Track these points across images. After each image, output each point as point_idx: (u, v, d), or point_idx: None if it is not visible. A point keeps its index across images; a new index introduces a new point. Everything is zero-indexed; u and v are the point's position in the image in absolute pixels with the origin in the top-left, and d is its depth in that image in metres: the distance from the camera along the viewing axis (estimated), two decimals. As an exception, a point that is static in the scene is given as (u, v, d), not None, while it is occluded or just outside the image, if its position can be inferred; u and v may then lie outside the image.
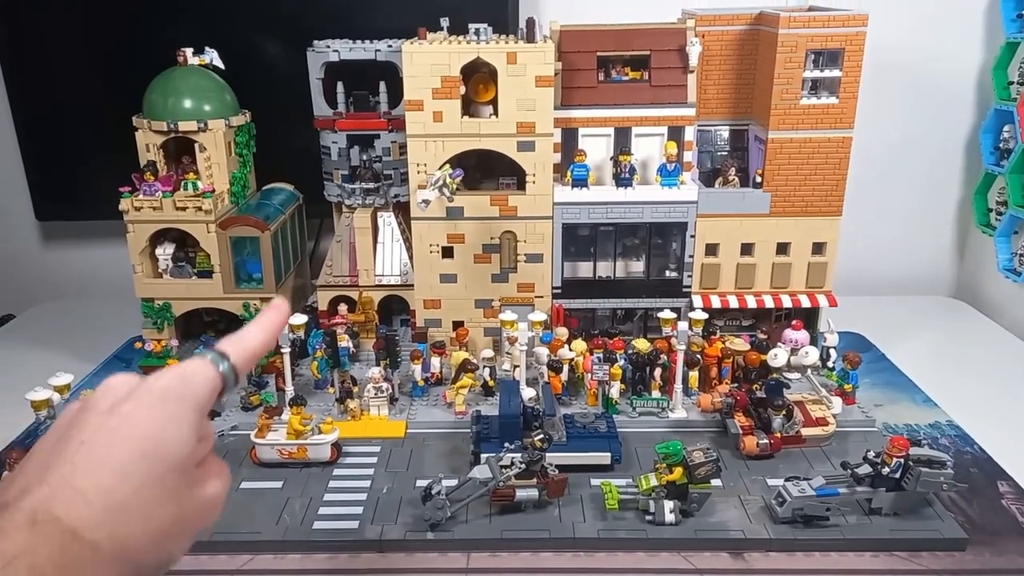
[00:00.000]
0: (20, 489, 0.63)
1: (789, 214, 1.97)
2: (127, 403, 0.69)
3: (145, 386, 0.71)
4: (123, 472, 0.64)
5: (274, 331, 0.84)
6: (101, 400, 0.70)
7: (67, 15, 2.37)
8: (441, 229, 1.98)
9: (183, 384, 0.72)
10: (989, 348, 2.29)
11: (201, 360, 0.76)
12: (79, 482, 0.63)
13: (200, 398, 0.73)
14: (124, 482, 0.64)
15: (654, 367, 1.85)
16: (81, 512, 0.61)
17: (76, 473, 0.63)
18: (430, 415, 1.84)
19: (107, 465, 0.64)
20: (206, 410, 0.74)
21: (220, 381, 0.76)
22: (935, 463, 1.44)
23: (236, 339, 0.81)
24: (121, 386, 0.72)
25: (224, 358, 0.76)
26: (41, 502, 0.61)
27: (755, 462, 1.66)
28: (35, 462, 0.66)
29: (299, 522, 1.48)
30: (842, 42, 1.82)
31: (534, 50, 1.83)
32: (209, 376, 0.75)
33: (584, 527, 1.45)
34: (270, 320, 0.85)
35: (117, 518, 0.63)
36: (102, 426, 0.67)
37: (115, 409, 0.68)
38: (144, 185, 1.99)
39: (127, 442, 0.66)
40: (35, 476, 0.64)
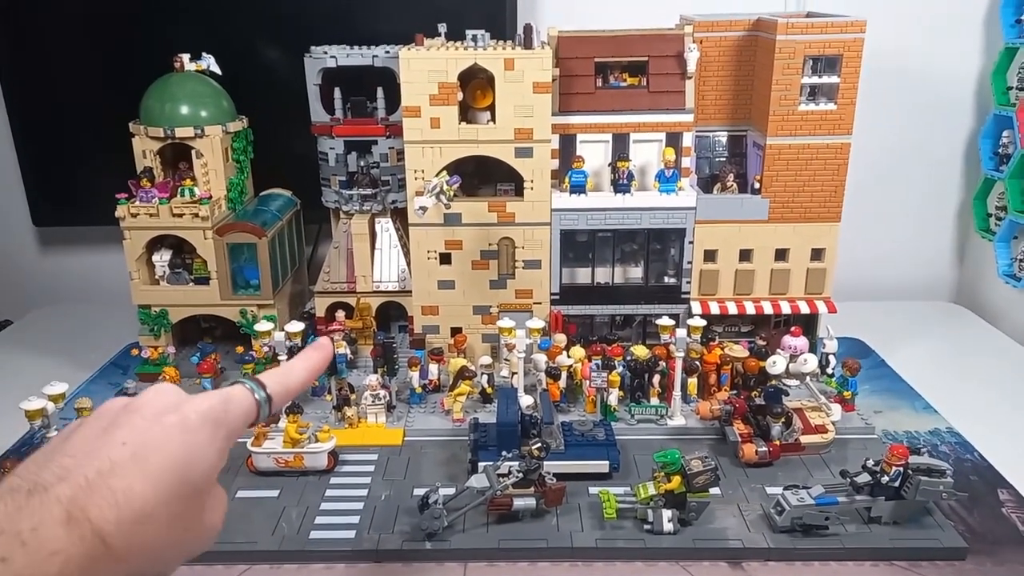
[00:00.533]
0: (56, 475, 0.62)
1: (788, 220, 1.97)
2: (172, 415, 0.69)
3: (191, 404, 0.72)
4: (156, 484, 0.65)
5: (317, 369, 0.87)
6: (148, 406, 0.70)
7: (65, 19, 2.36)
8: (439, 235, 1.97)
9: (225, 410, 0.73)
10: (989, 354, 2.28)
11: (243, 388, 0.78)
12: (115, 482, 0.62)
13: (236, 426, 0.75)
14: (154, 494, 0.64)
15: (652, 374, 1.84)
16: (110, 515, 0.61)
17: (114, 472, 0.63)
18: (428, 422, 1.83)
19: (143, 473, 0.64)
20: (238, 435, 0.76)
21: (256, 411, 0.78)
22: (935, 471, 1.43)
23: (279, 373, 0.83)
24: (169, 396, 0.72)
25: (263, 388, 0.79)
26: (78, 497, 0.61)
27: (754, 470, 1.65)
28: (75, 448, 0.66)
29: (295, 531, 1.47)
30: (840, 48, 1.82)
31: (532, 56, 1.82)
32: (247, 405, 0.77)
33: (582, 536, 1.44)
34: (313, 359, 0.88)
35: (136, 528, 0.63)
36: (145, 432, 0.67)
37: (160, 419, 0.69)
38: (141, 191, 1.98)
39: (165, 455, 0.66)
40: (74, 464, 0.63)
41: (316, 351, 0.89)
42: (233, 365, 2.03)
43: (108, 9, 2.34)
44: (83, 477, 0.62)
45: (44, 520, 0.59)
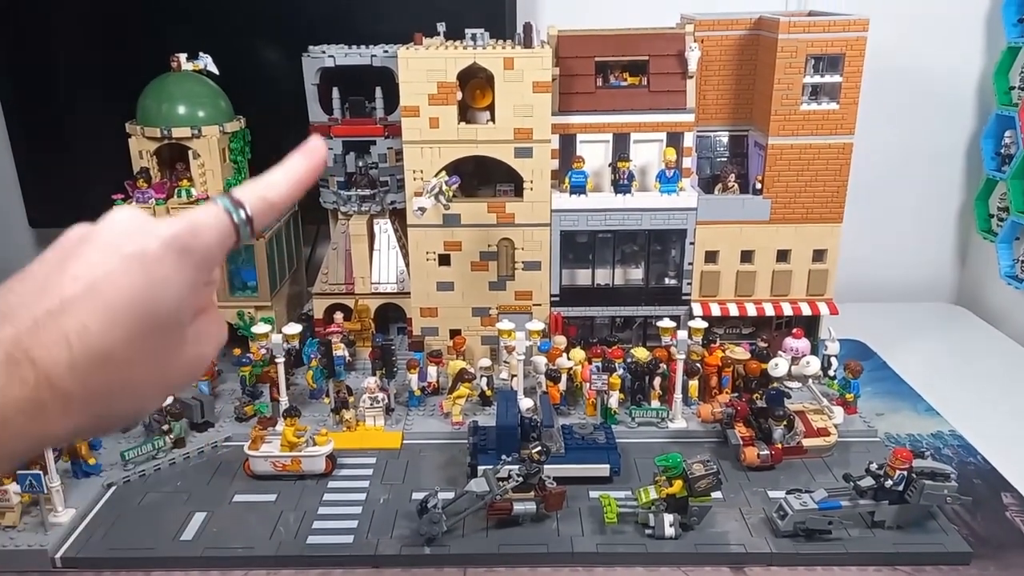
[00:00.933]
0: (2, 313, 0.58)
1: (789, 221, 1.95)
2: (131, 245, 0.62)
3: (154, 231, 0.63)
4: (112, 320, 0.59)
5: (303, 178, 0.73)
6: (105, 235, 0.63)
7: (62, 21, 2.34)
8: (438, 236, 1.95)
9: (192, 235, 0.65)
10: (991, 356, 2.27)
11: (215, 208, 0.67)
12: (66, 322, 0.57)
13: (209, 250, 0.66)
14: (111, 331, 0.59)
15: (653, 376, 1.83)
16: (60, 357, 0.57)
17: (65, 311, 0.58)
18: (426, 425, 1.82)
19: (98, 310, 0.59)
20: (215, 262, 0.67)
21: (234, 233, 0.68)
22: (939, 475, 1.42)
23: (257, 185, 0.71)
24: (127, 224, 0.64)
25: (240, 207, 0.68)
26: (22, 338, 0.56)
27: (756, 473, 1.63)
28: (25, 285, 0.60)
29: (293, 536, 1.45)
30: (843, 47, 1.80)
31: (531, 55, 1.81)
32: (221, 226, 0.67)
33: (583, 541, 1.43)
34: (300, 166, 0.73)
35: (93, 369, 0.58)
36: (101, 265, 0.60)
37: (118, 249, 0.61)
38: (137, 192, 1.97)
39: (122, 289, 0.60)
40: (19, 302, 0.58)
41: (302, 155, 0.74)
42: (230, 367, 2.01)
43: (105, 9, 2.32)
44: (30, 317, 0.57)
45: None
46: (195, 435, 1.77)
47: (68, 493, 1.52)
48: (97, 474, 1.62)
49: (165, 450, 1.69)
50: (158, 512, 1.53)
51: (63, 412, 0.58)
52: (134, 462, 1.64)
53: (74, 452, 1.60)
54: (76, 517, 1.49)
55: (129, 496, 1.58)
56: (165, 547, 1.43)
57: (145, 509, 1.54)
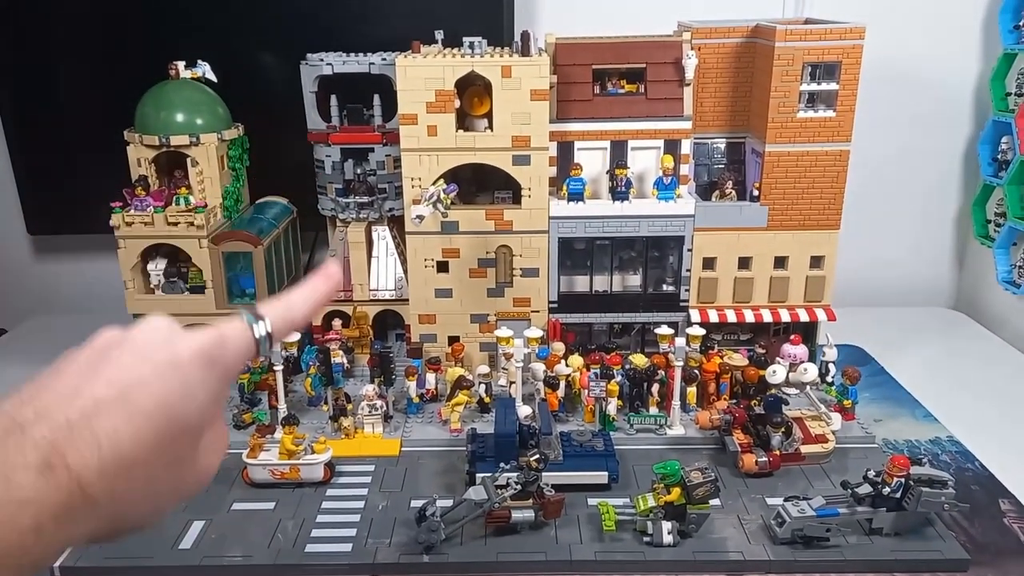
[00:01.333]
0: (38, 413, 0.59)
1: (787, 228, 1.96)
2: (163, 352, 0.64)
3: (184, 342, 0.66)
4: (143, 425, 0.60)
5: (321, 300, 0.79)
6: (139, 341, 0.65)
7: (61, 26, 2.35)
8: (436, 243, 1.96)
9: (219, 347, 0.68)
10: (989, 361, 2.27)
11: (240, 324, 0.71)
12: (98, 425, 0.59)
13: (232, 364, 0.69)
14: (140, 436, 0.60)
15: (651, 383, 1.83)
16: (91, 461, 0.58)
17: (98, 413, 0.59)
18: (425, 433, 1.82)
19: (129, 414, 0.60)
20: (234, 375, 0.71)
21: (255, 347, 0.71)
22: (936, 482, 1.42)
23: (280, 306, 0.75)
24: (161, 332, 0.67)
25: (262, 322, 0.72)
26: (57, 440, 0.57)
27: (754, 480, 1.64)
28: (60, 384, 0.62)
29: (291, 544, 1.45)
30: (839, 55, 1.81)
31: (529, 63, 1.81)
32: (244, 342, 0.71)
33: (581, 549, 1.43)
34: (318, 288, 0.78)
35: (120, 473, 0.59)
36: (133, 370, 0.62)
37: (151, 356, 0.64)
38: (135, 200, 1.97)
39: (153, 396, 0.62)
40: (56, 403, 0.59)
41: (322, 280, 0.79)
42: (229, 374, 2.01)
43: (103, 16, 2.33)
44: (64, 418, 0.58)
45: (17, 466, 0.55)
46: (193, 443, 1.76)
47: (66, 502, 1.52)
48: (95, 482, 1.61)
49: (163, 458, 1.68)
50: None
51: (87, 517, 0.58)
52: (132, 470, 1.64)
53: (72, 461, 1.60)
54: (74, 526, 1.48)
55: (127, 505, 1.58)
56: (163, 556, 1.43)
57: (143, 518, 1.54)
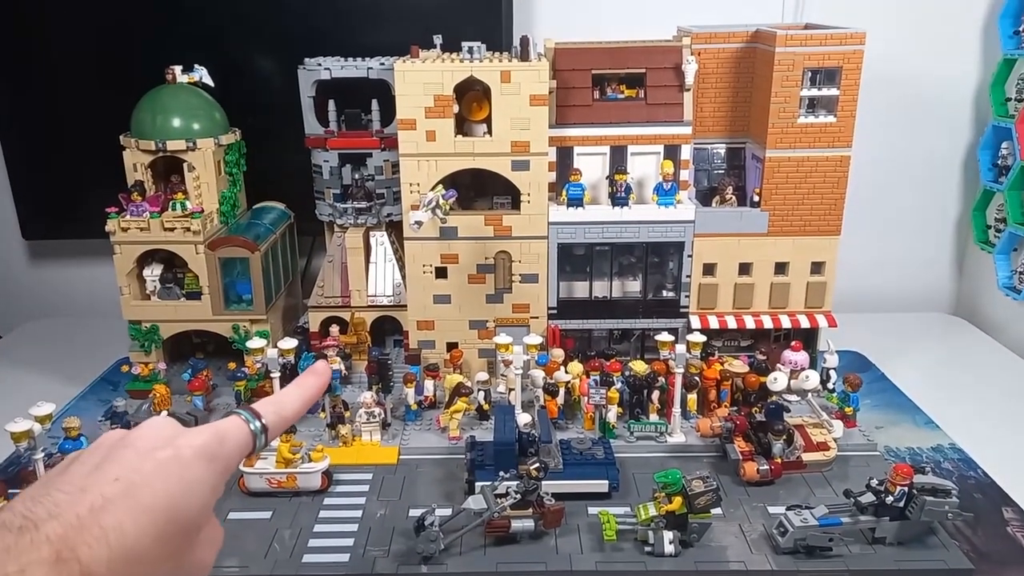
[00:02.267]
0: (49, 511, 0.61)
1: (787, 233, 1.95)
2: (166, 450, 0.68)
3: (185, 440, 0.70)
4: (148, 522, 0.63)
5: (313, 396, 0.85)
6: (143, 440, 0.69)
7: (56, 32, 2.33)
8: (435, 249, 1.94)
9: (219, 444, 0.72)
10: (990, 367, 2.26)
11: (237, 420, 0.76)
12: (106, 520, 0.61)
13: (231, 460, 0.73)
14: (144, 532, 0.63)
15: (652, 390, 1.81)
16: (101, 555, 0.60)
17: (105, 510, 0.62)
18: (423, 440, 1.80)
19: (135, 510, 0.63)
20: (231, 471, 0.74)
21: (252, 443, 0.76)
22: (940, 491, 1.41)
23: (274, 402, 0.81)
24: (164, 430, 0.71)
25: (258, 419, 0.77)
26: (68, 536, 0.59)
27: (755, 488, 1.62)
28: (69, 483, 0.65)
29: (289, 555, 1.44)
30: (840, 60, 1.80)
31: (528, 68, 1.80)
32: (242, 438, 0.75)
33: (581, 559, 1.41)
34: (309, 385, 0.85)
35: (126, 568, 0.61)
36: (138, 468, 0.66)
37: (154, 454, 0.67)
38: (131, 205, 1.95)
39: (158, 492, 0.65)
40: (66, 500, 0.62)
41: (312, 377, 0.86)
42: (225, 382, 2.00)
43: (99, 21, 2.31)
44: (75, 515, 0.61)
45: (32, 561, 0.57)
46: (189, 451, 1.75)
47: (60, 511, 1.50)
48: (90, 491, 1.59)
49: (159, 466, 1.67)
50: (151, 530, 1.51)
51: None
52: (127, 479, 1.62)
53: (66, 469, 1.58)
54: (68, 536, 1.46)
55: (122, 514, 1.56)
56: (158, 566, 1.41)
57: (138, 527, 1.52)
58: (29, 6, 2.29)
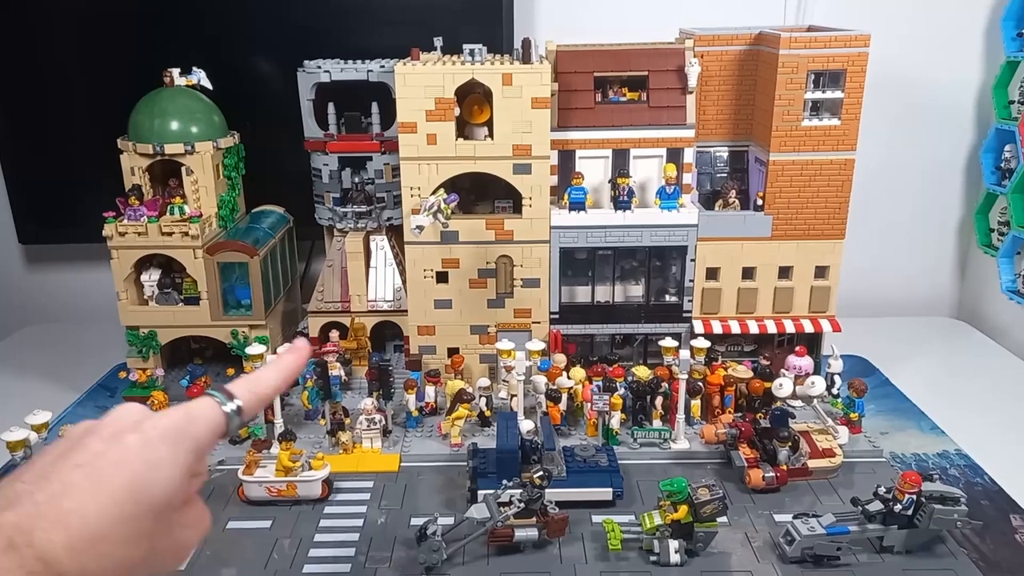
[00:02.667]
0: (8, 500, 0.63)
1: (791, 237, 1.93)
2: (131, 434, 0.68)
3: (151, 422, 0.71)
4: (109, 503, 0.64)
5: (291, 373, 0.84)
6: (108, 426, 0.70)
7: (53, 34, 2.31)
8: (435, 254, 1.93)
9: (187, 423, 0.72)
10: (995, 372, 2.25)
11: (208, 400, 0.75)
12: (66, 504, 0.62)
13: (201, 439, 0.73)
14: (107, 514, 0.63)
15: (655, 396, 1.80)
16: (58, 538, 0.61)
17: (65, 494, 0.63)
18: (425, 447, 1.78)
19: (96, 494, 0.64)
20: (204, 451, 0.74)
21: (224, 423, 0.75)
22: (948, 499, 1.39)
23: (249, 380, 0.80)
24: (130, 416, 0.72)
25: (232, 399, 0.76)
26: (24, 522, 0.60)
27: (761, 496, 1.61)
28: (31, 473, 0.66)
29: (289, 565, 1.42)
30: (844, 63, 1.79)
31: (530, 71, 1.79)
32: (213, 417, 0.74)
33: (586, 569, 1.40)
34: (287, 362, 0.84)
35: (89, 550, 0.62)
36: (101, 453, 0.67)
37: (118, 438, 0.68)
38: (129, 209, 1.93)
39: (121, 474, 0.66)
40: (25, 489, 0.63)
41: (290, 354, 0.85)
42: (224, 387, 1.97)
43: (96, 23, 2.29)
44: (32, 502, 0.62)
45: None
46: (188, 458, 1.73)
47: (56, 521, 1.48)
48: (86, 500, 1.58)
49: (157, 474, 1.65)
50: (149, 540, 1.49)
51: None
52: (125, 487, 1.60)
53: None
54: (65, 546, 1.44)
55: (119, 523, 1.54)
56: (156, 577, 1.39)
57: (136, 537, 1.50)
58: (26, 7, 2.27)
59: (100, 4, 2.28)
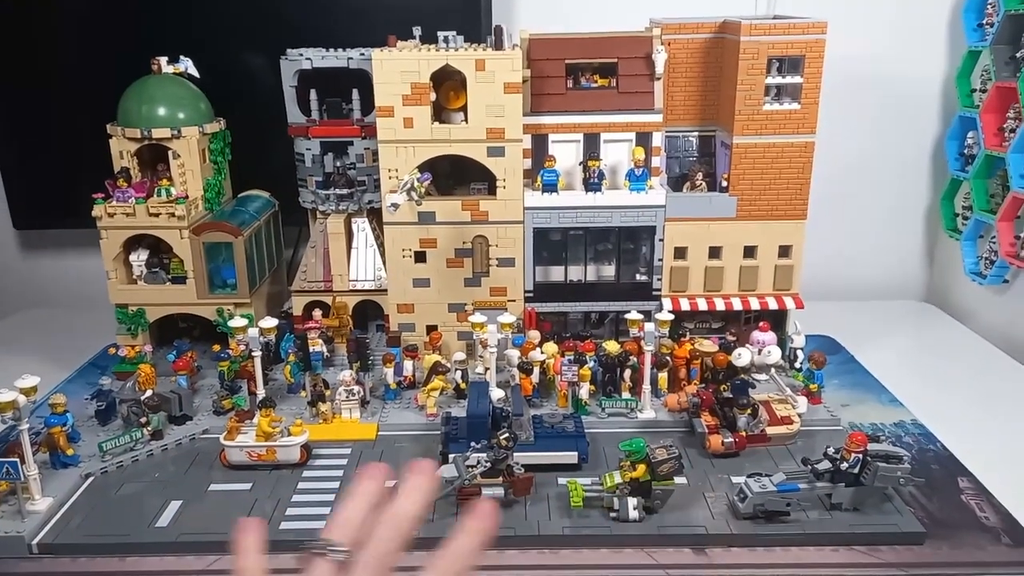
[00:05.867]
0: None
1: (755, 218, 2.01)
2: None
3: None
4: None
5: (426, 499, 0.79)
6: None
7: (43, 23, 2.38)
8: (413, 234, 2.00)
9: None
10: (958, 351, 2.32)
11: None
12: None
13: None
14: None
15: (623, 368, 1.87)
16: None
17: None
18: (402, 418, 1.85)
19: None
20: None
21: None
22: (892, 458, 1.47)
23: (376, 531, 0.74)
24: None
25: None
26: None
27: (721, 460, 1.68)
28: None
29: (267, 522, 1.48)
30: (803, 49, 1.86)
31: (502, 57, 1.86)
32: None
33: (549, 525, 1.46)
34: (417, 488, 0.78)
35: None
36: None
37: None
38: (117, 191, 2.00)
39: None
40: None
41: (416, 477, 0.79)
42: (210, 364, 2.04)
43: (85, 13, 2.36)
44: None
45: None
46: (173, 428, 1.80)
47: (46, 483, 1.55)
48: (75, 465, 1.65)
49: (143, 442, 1.72)
50: (135, 501, 1.56)
51: None
52: (112, 453, 1.67)
53: (52, 443, 1.63)
54: (54, 505, 1.52)
55: (106, 486, 1.61)
56: (140, 534, 1.46)
57: (122, 498, 1.57)
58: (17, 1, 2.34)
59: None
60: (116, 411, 1.82)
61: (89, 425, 1.82)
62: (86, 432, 1.76)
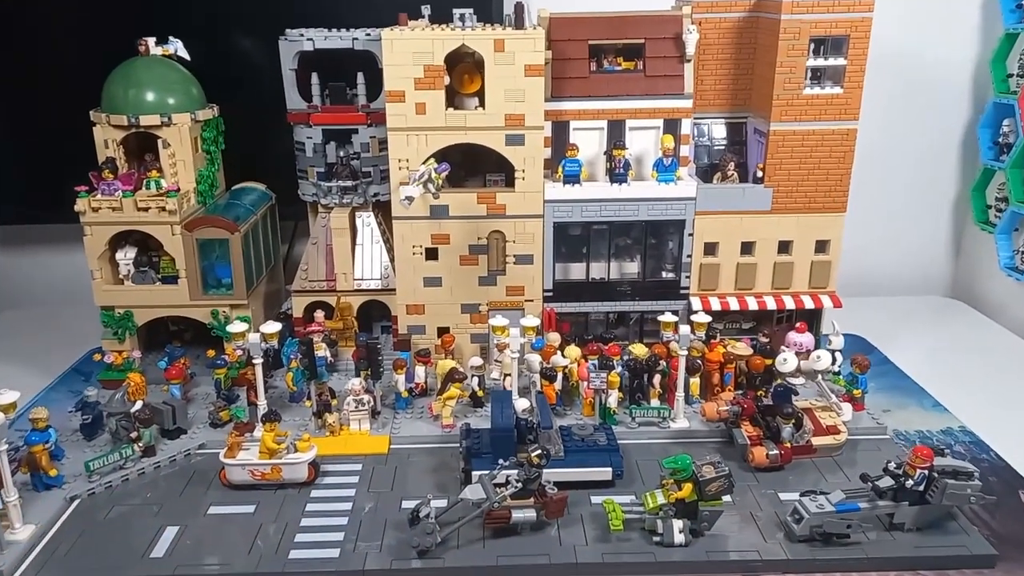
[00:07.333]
0: None
1: (791, 211, 1.88)
2: None
3: None
4: None
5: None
6: None
7: (22, 8, 2.20)
8: (425, 229, 1.86)
9: None
10: (992, 349, 2.22)
11: None
12: None
13: None
14: None
15: (653, 374, 1.74)
16: None
17: None
18: (415, 429, 1.72)
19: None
20: None
21: None
22: (961, 474, 1.35)
23: None
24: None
25: None
26: None
27: (764, 474, 1.56)
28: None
29: (274, 551, 1.35)
30: (848, 28, 1.74)
31: (523, 37, 1.72)
32: None
33: (587, 551, 1.34)
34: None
35: None
36: None
37: None
38: (102, 184, 1.85)
39: None
40: None
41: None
42: (204, 371, 1.90)
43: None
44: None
45: None
46: (166, 442, 1.66)
47: (27, 508, 1.41)
48: (59, 487, 1.50)
49: (134, 459, 1.57)
50: (126, 527, 1.42)
51: None
52: (100, 473, 1.53)
53: (34, 463, 1.48)
54: (36, 534, 1.38)
55: (94, 510, 1.47)
56: (133, 566, 1.32)
57: (112, 524, 1.43)
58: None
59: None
60: (103, 424, 1.67)
61: (74, 440, 1.67)
62: (71, 448, 1.62)
